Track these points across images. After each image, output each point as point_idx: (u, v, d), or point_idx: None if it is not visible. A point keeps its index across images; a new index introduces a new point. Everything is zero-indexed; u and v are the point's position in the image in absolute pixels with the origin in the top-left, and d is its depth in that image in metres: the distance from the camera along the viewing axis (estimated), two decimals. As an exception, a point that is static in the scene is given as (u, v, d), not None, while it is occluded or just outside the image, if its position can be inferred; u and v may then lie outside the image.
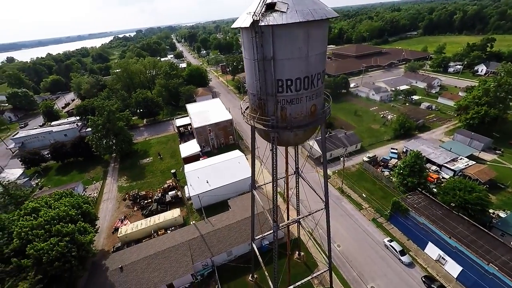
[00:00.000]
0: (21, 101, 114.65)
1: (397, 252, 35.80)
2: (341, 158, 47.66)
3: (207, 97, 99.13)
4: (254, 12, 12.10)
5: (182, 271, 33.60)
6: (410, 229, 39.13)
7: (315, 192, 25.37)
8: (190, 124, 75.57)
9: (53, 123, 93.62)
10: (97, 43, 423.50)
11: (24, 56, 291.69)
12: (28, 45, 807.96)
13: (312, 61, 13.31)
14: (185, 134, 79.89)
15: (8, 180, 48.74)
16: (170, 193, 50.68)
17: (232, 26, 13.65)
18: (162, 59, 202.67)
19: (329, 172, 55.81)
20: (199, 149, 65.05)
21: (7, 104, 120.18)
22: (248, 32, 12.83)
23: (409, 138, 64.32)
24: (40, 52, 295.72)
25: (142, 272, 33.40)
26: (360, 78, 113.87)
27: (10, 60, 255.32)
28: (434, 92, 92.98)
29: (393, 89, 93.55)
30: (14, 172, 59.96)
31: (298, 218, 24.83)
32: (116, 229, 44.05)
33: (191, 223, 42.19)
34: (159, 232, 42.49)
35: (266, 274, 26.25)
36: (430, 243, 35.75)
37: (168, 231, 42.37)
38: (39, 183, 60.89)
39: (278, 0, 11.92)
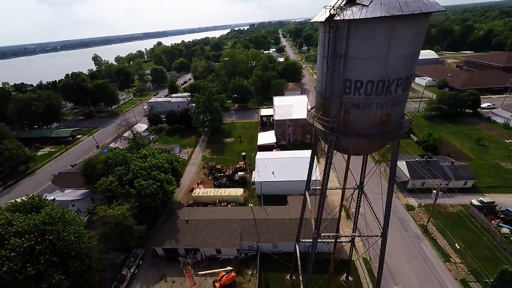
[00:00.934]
0: (157, 76, 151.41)
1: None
2: (434, 191, 38.30)
3: (296, 92, 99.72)
4: (333, 6, 11.43)
5: (230, 243, 37.11)
6: (522, 315, 27.91)
7: (374, 215, 22.06)
8: (272, 116, 78.83)
9: (172, 95, 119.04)
10: (217, 34, 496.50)
11: (167, 41, 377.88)
12: (173, 33, 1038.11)
13: (392, 63, 11.36)
14: (267, 124, 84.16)
15: (137, 131, 66.45)
16: (239, 173, 55.71)
17: (311, 21, 13.36)
18: (265, 52, 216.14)
19: (414, 203, 46.43)
20: (275, 141, 67.44)
21: (149, 77, 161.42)
22: (324, 26, 12.28)
23: None
24: (178, 39, 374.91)
25: (201, 230, 39.12)
26: (502, 98, 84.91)
27: (159, 44, 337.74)
28: None
29: (558, 119, 65.13)
30: (142, 126, 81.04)
31: (346, 235, 22.38)
32: (192, 189, 52.78)
33: (249, 205, 45.30)
34: (222, 204, 48.02)
35: (301, 280, 25.48)
36: None
37: (229, 205, 47.21)
38: (154, 139, 79.99)
39: None
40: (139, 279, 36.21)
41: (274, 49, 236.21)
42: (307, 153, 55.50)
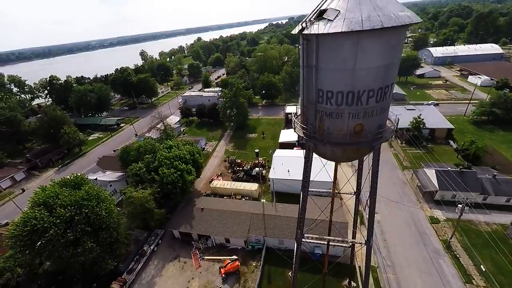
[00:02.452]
0: (193, 70, 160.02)
1: None
2: (459, 206, 34.64)
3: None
4: (305, 19, 11.79)
5: (238, 234, 39.22)
6: None
7: (362, 221, 21.52)
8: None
9: (205, 89, 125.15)
10: (256, 28, 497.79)
11: (208, 36, 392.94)
12: (213, 28, 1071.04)
13: (360, 76, 11.30)
14: (291, 121, 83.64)
15: (168, 124, 72.44)
16: (256, 168, 57.33)
17: (292, 32, 13.76)
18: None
19: (441, 216, 42.70)
20: (296, 139, 67.12)
21: (187, 71, 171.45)
22: (300, 38, 12.66)
23: None
24: (217, 34, 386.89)
25: (213, 219, 41.99)
26: None
27: (199, 39, 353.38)
28: None
29: None
30: (174, 119, 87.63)
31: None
32: (212, 181, 56.20)
33: (262, 201, 46.70)
34: (236, 197, 50.37)
35: (290, 276, 26.23)
36: None
37: (243, 199, 49.33)
38: (184, 130, 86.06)
39: (331, 7, 10.87)
40: (157, 256, 40.77)
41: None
42: (326, 153, 54.57)
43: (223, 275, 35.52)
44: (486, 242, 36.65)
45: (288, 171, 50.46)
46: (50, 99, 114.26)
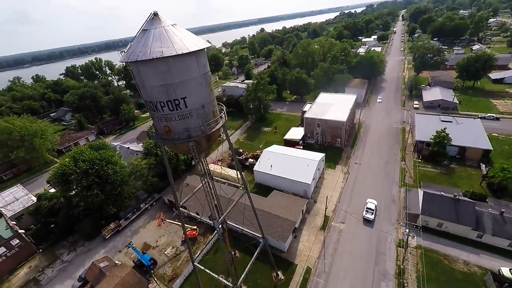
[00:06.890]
0: (242, 61, 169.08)
1: None
2: (407, 236, 31.09)
3: (358, 90, 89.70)
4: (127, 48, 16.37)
5: (204, 211, 45.91)
6: None
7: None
8: (312, 112, 76.85)
9: (245, 81, 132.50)
10: (328, 17, 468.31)
11: (270, 28, 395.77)
12: (284, 18, 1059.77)
13: (149, 91, 15.31)
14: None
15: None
16: (250, 160, 61.90)
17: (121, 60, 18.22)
18: (364, 40, 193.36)
19: (413, 242, 38.59)
20: (300, 138, 67.59)
21: (236, 63, 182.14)
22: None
23: None
24: (288, 24, 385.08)
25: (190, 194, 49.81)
26: None
27: (261, 30, 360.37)
28: None
29: None
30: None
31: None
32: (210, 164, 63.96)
33: (240, 188, 51.64)
34: (223, 181, 56.61)
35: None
36: None
37: (226, 184, 55.28)
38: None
39: (133, 42, 14.98)
40: (147, 213, 51.82)
41: (375, 37, 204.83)
42: (314, 156, 54.35)
43: (184, 238, 43.23)
44: (451, 283, 32.12)
45: (271, 166, 53.27)
46: (124, 82, 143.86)
